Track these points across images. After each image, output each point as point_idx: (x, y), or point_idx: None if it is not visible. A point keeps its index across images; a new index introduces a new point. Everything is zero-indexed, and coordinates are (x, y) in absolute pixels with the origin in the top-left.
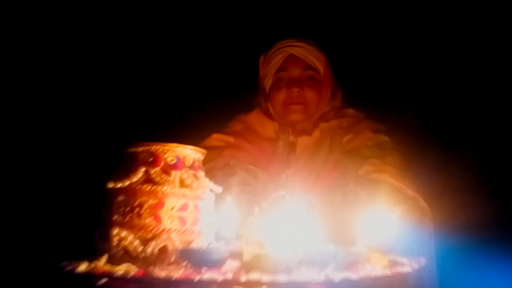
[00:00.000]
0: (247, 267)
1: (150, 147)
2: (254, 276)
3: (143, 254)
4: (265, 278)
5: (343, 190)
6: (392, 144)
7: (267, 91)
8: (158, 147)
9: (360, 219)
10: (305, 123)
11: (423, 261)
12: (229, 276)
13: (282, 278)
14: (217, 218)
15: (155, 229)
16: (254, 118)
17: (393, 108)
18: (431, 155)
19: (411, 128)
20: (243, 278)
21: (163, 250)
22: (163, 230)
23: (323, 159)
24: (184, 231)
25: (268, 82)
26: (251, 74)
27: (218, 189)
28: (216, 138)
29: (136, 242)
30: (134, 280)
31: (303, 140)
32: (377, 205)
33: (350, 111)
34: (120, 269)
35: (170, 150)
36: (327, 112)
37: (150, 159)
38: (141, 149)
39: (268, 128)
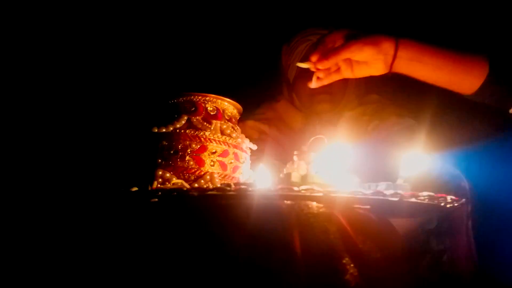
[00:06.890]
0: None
1: (192, 97)
2: (305, 187)
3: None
4: (317, 189)
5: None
6: (419, 127)
7: (291, 81)
8: (200, 97)
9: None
10: (330, 113)
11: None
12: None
13: (332, 190)
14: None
15: (197, 171)
16: (282, 106)
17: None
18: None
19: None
20: (296, 188)
21: None
22: (205, 173)
23: None
24: (225, 175)
25: (292, 72)
26: (274, 63)
27: (254, 146)
28: (251, 127)
29: (180, 183)
30: (190, 191)
31: (329, 132)
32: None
33: (374, 97)
34: (175, 184)
35: (210, 100)
36: (351, 100)
37: (192, 109)
38: (183, 99)
39: (296, 118)
